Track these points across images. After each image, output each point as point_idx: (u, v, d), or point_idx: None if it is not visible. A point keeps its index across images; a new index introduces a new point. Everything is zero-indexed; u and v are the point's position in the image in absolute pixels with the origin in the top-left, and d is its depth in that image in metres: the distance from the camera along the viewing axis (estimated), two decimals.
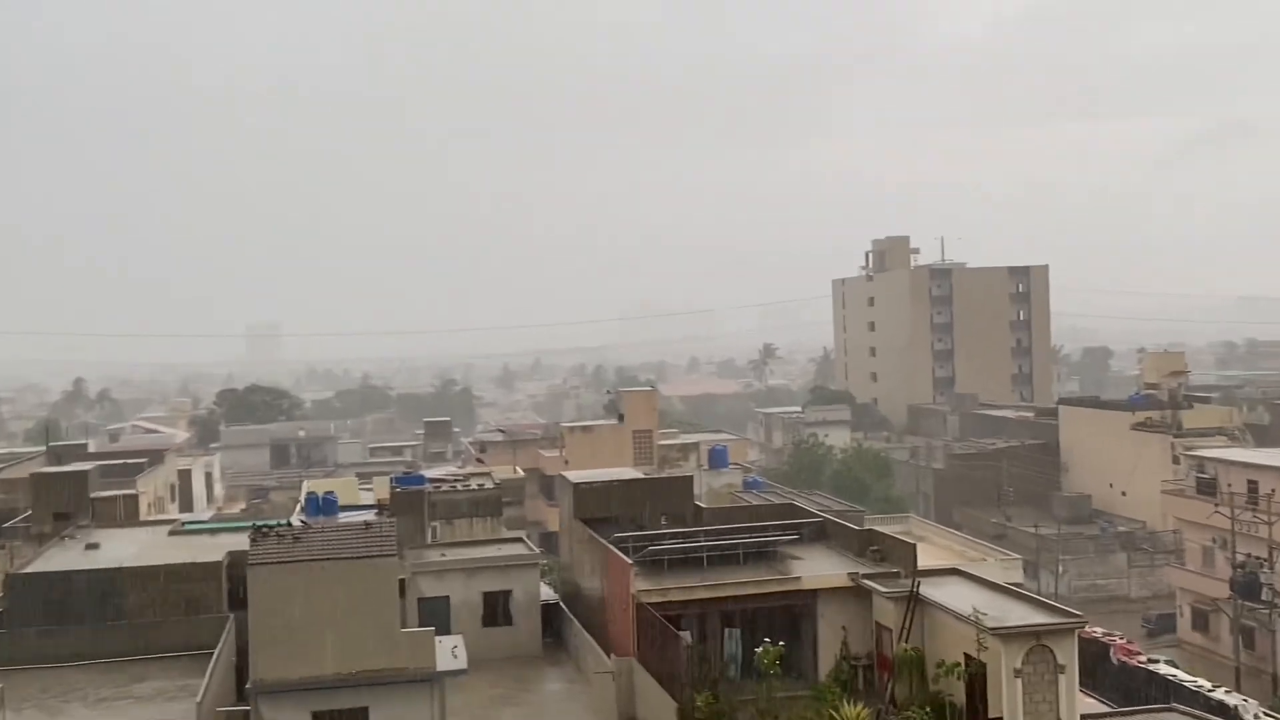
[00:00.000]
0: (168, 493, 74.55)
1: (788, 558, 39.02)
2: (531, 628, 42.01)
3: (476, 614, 41.51)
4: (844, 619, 35.66)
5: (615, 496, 43.68)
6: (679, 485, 45.66)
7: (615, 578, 37.41)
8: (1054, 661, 29.54)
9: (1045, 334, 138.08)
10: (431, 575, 41.45)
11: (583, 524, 42.73)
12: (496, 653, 40.30)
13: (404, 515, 43.76)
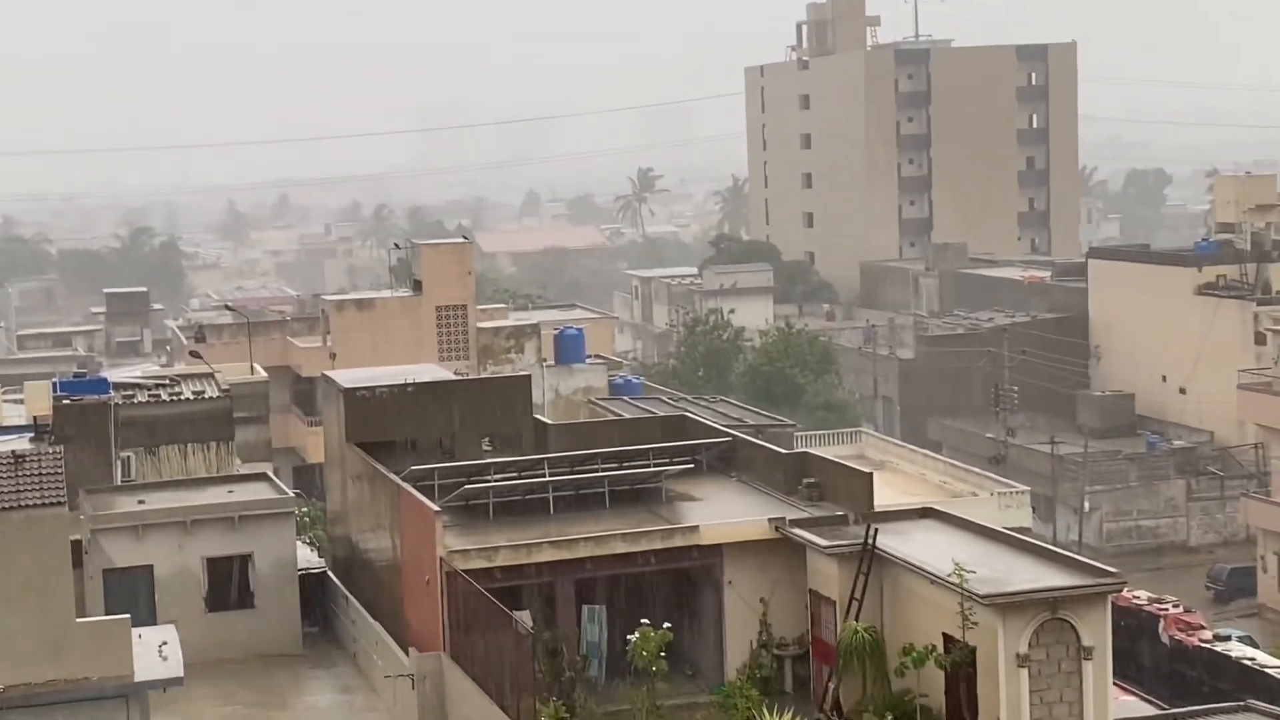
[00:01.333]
0: None
1: (677, 498, 39.65)
2: (284, 610, 42.09)
3: (197, 592, 41.42)
4: (763, 587, 36.49)
5: (411, 409, 43.70)
6: (510, 391, 45.88)
7: (413, 533, 37.57)
8: (1077, 642, 30.69)
9: (1070, 149, 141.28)
10: (125, 534, 41.11)
11: (361, 451, 42.66)
12: (229, 649, 40.33)
13: (76, 442, 43.10)
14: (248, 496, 44.03)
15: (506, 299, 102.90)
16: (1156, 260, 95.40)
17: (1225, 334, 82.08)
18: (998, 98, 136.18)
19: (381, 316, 75.17)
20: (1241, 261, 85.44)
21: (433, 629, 36.17)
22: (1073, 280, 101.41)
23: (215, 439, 51.42)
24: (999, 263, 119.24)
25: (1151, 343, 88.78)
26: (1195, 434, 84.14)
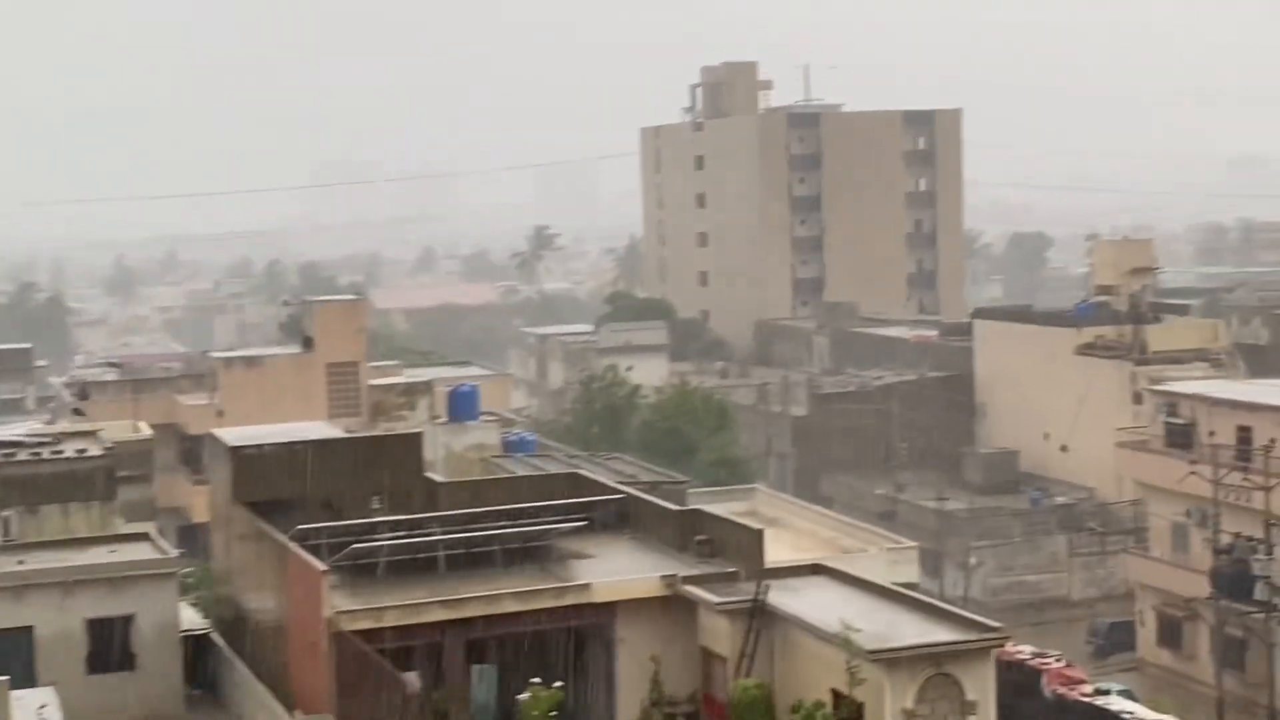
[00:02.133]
0: None
1: (570, 557, 39.61)
2: (167, 672, 41.53)
3: (78, 654, 40.73)
4: (655, 644, 36.49)
5: (299, 467, 43.41)
6: (400, 449, 45.91)
7: (300, 592, 37.23)
8: (961, 697, 30.92)
9: (956, 213, 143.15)
10: (4, 595, 40.53)
11: (247, 510, 42.30)
12: (111, 712, 39.75)
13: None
14: (130, 557, 43.45)
15: (399, 356, 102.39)
16: (1038, 321, 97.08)
17: (1104, 393, 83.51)
18: (887, 161, 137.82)
19: (271, 374, 74.72)
20: (1119, 323, 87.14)
21: (320, 691, 35.82)
22: (959, 340, 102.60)
23: (97, 498, 50.72)
24: (889, 322, 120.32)
25: (1034, 401, 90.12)
26: (1076, 490, 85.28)
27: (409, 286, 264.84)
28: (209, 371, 78.69)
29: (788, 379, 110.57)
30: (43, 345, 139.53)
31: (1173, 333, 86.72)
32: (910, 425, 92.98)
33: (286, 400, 69.89)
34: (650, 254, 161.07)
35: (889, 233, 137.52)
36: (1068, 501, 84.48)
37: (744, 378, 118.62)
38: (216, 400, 73.41)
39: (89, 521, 49.55)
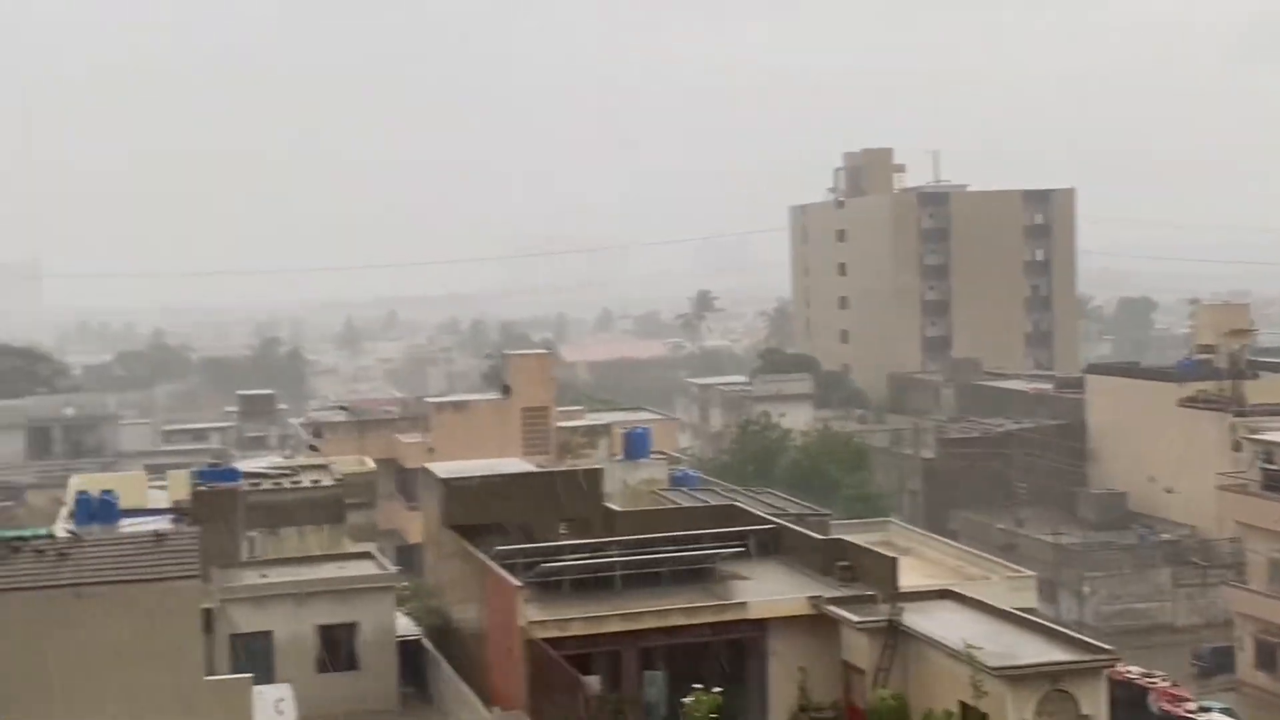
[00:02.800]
0: None
1: (729, 578, 39.39)
2: (384, 673, 41.92)
3: (310, 655, 41.32)
4: (802, 657, 36.15)
5: (498, 497, 43.71)
6: (584, 482, 45.82)
7: (498, 605, 37.47)
8: (1076, 711, 30.23)
9: (1070, 280, 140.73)
10: (249, 604, 41.17)
11: (454, 533, 42.70)
12: (337, 707, 40.00)
13: (210, 523, 43.19)
14: (355, 572, 44.13)
15: (583, 402, 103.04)
16: (1145, 376, 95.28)
17: (1205, 441, 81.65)
18: (1007, 235, 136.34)
19: (475, 416, 75.41)
20: (1219, 379, 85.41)
21: (514, 691, 36.00)
22: (1072, 392, 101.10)
23: (329, 522, 51.58)
24: (1008, 376, 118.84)
25: (1141, 448, 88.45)
26: (1180, 528, 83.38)
27: (590, 343, 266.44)
28: (423, 414, 79.75)
29: (918, 425, 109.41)
30: (284, 392, 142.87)
31: (1268, 387, 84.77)
32: (1028, 468, 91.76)
33: (487, 439, 70.46)
34: (798, 315, 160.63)
35: (1009, 297, 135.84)
36: (1172, 538, 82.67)
37: (879, 424, 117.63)
38: (429, 439, 74.25)
39: (321, 541, 50.41)
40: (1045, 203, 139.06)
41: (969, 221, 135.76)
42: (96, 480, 62.64)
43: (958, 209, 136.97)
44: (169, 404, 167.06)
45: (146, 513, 52.35)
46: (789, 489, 77.90)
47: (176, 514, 48.87)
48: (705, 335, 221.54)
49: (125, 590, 28.53)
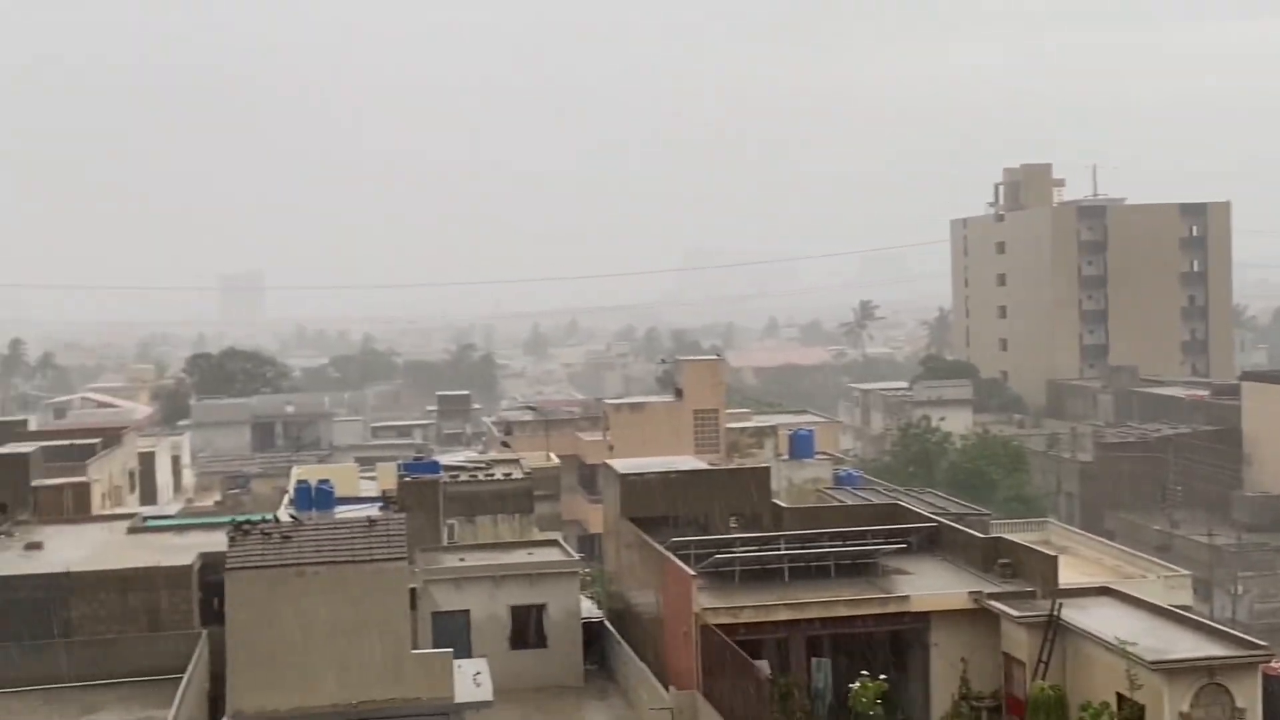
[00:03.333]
0: (126, 481, 75.89)
1: (891, 572, 39.06)
2: (570, 651, 42.37)
3: (503, 633, 41.93)
4: (963, 649, 35.68)
5: (673, 492, 43.94)
6: (752, 479, 45.85)
7: (673, 592, 37.67)
8: (1231, 704, 29.37)
9: (1226, 290, 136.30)
10: (448, 584, 41.90)
11: (632, 525, 43.00)
12: (527, 680, 40.64)
13: (414, 510, 44.28)
14: (543, 558, 44.67)
15: (750, 405, 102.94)
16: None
17: None
18: (1164, 246, 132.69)
19: (650, 417, 75.83)
20: None
21: (688, 671, 36.13)
22: (1228, 399, 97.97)
23: (518, 511, 52.41)
24: (1165, 383, 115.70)
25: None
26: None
27: (757, 349, 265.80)
28: (603, 414, 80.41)
29: (1075, 430, 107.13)
30: (477, 392, 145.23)
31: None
32: (1183, 471, 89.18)
33: (662, 438, 70.78)
34: (958, 324, 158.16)
35: (1165, 306, 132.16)
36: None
37: (1037, 428, 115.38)
38: (608, 437, 74.87)
39: (512, 529, 51.27)
40: (1201, 215, 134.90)
41: (1126, 234, 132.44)
42: (314, 471, 64.68)
43: (1115, 222, 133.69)
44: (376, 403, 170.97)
45: (358, 500, 53.83)
46: (948, 490, 76.90)
47: (384, 502, 50.06)
48: (867, 343, 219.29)
49: (341, 570, 29.41)
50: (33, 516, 49.57)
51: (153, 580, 37.71)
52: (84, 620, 37.31)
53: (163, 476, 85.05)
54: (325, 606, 29.06)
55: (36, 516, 49.68)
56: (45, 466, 56.72)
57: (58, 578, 37.92)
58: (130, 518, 50.54)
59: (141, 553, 40.84)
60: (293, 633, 28.92)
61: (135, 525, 48.00)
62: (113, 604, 37.47)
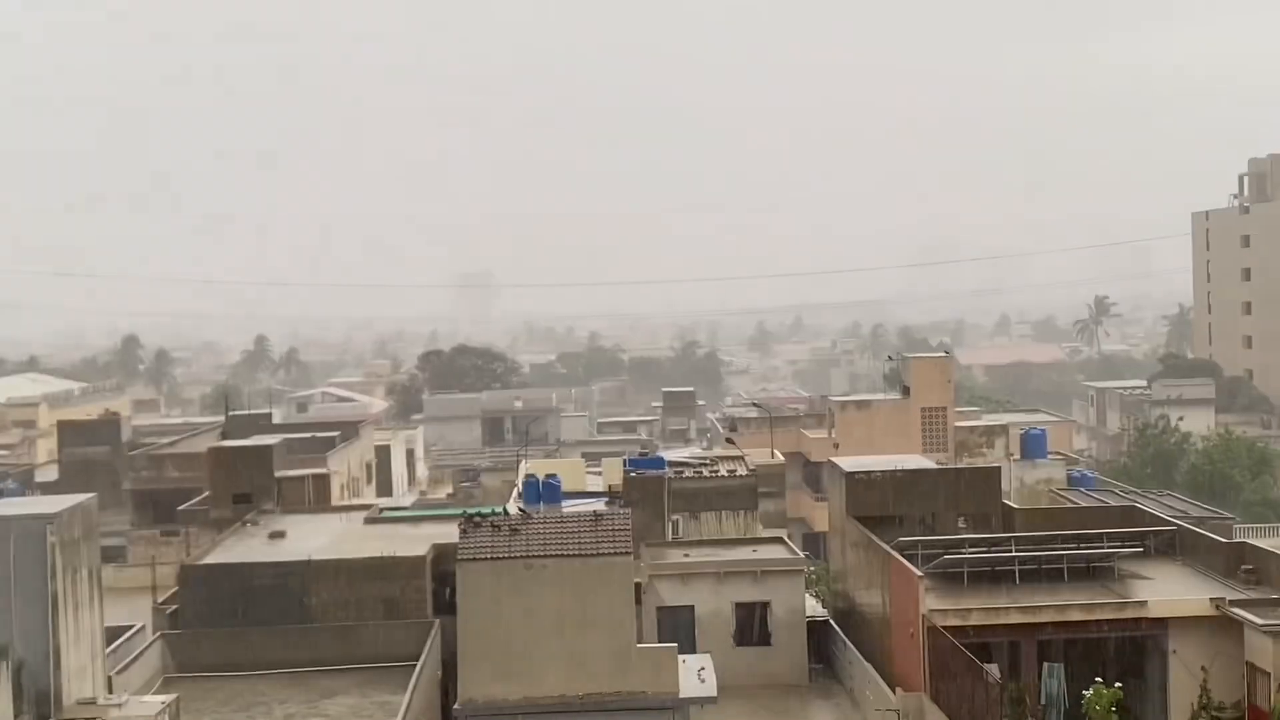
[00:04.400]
0: (363, 473, 78.62)
1: (1127, 576, 37.82)
2: (795, 649, 42.21)
3: (727, 629, 41.96)
4: (1204, 657, 34.34)
5: (899, 491, 43.40)
6: (982, 479, 45.04)
7: (901, 593, 37.17)
8: None
9: None
10: (673, 580, 42.15)
11: (858, 524, 42.61)
12: (751, 678, 40.58)
13: (640, 506, 44.62)
14: (768, 555, 44.60)
15: (979, 403, 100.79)
16: None
17: None
18: None
19: (876, 415, 75.04)
20: None
21: (915, 673, 35.62)
22: None
23: (743, 508, 52.27)
24: None
25: None
26: None
27: (987, 347, 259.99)
28: (828, 412, 79.94)
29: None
30: (702, 389, 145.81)
31: None
32: None
33: (888, 436, 69.96)
34: (1199, 320, 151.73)
35: None
36: None
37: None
38: (834, 435, 74.37)
39: (736, 526, 51.19)
40: None
41: None
42: (542, 465, 65.85)
43: None
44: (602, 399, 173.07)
45: (584, 495, 54.57)
46: (1188, 492, 73.98)
47: (610, 497, 50.60)
48: (1103, 340, 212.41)
49: (568, 563, 29.86)
50: (276, 506, 51.76)
51: (388, 570, 38.92)
52: (323, 607, 38.76)
53: (397, 469, 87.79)
54: (552, 599, 29.54)
55: (280, 506, 51.86)
56: (288, 458, 59.15)
57: (299, 566, 39.45)
58: (367, 509, 52.34)
59: (378, 543, 42.15)
60: (520, 624, 29.46)
61: (372, 516, 49.68)
62: (350, 592, 38.82)
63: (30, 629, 28.06)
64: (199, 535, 55.55)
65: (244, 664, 36.89)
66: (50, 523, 28.43)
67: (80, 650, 29.54)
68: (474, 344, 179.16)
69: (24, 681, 27.86)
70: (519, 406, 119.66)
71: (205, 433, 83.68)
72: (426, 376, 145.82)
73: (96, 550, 31.04)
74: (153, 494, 69.24)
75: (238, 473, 54.54)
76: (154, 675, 36.34)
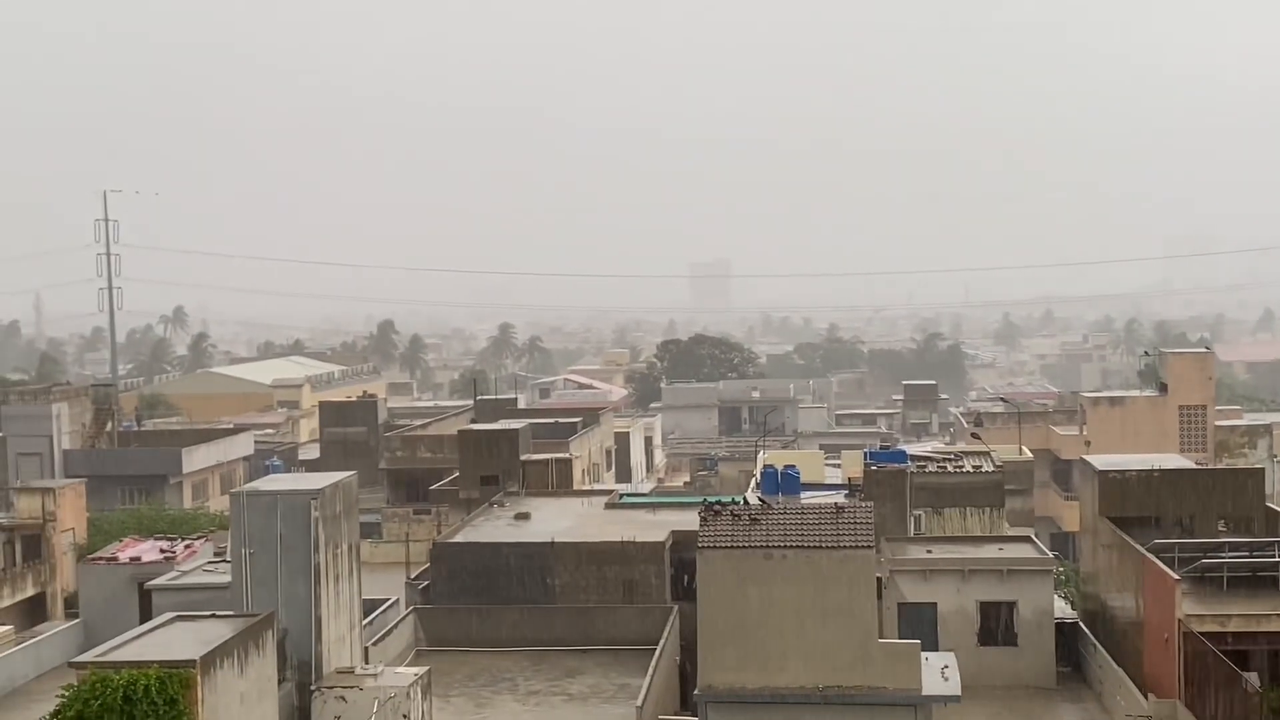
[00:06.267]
0: (603, 458, 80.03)
1: None
2: (1041, 650, 41.13)
3: (971, 628, 41.17)
4: None
5: (1155, 491, 41.93)
6: (1243, 481, 43.10)
7: (1155, 596, 35.94)
8: None
9: None
10: (915, 576, 41.60)
11: (1111, 524, 41.34)
12: (996, 678, 39.78)
13: (881, 499, 44.21)
14: (1014, 554, 43.56)
15: (1241, 402, 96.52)
16: None
17: None
18: None
19: (1130, 412, 73.06)
20: None
21: (1168, 679, 34.40)
22: None
23: (988, 505, 51.30)
24: None
25: None
26: None
27: (1249, 343, 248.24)
28: (1078, 408, 78.02)
29: None
30: (944, 383, 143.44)
31: None
32: None
33: (1143, 434, 68.03)
34: None
35: None
36: None
37: None
38: (1085, 432, 72.57)
39: (981, 523, 50.28)
40: None
41: None
42: (780, 456, 65.92)
43: None
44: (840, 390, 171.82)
45: (823, 487, 54.45)
46: None
47: (850, 489, 50.35)
48: None
49: (808, 554, 29.81)
50: (521, 488, 53.17)
51: (628, 554, 39.62)
52: (565, 588, 39.69)
53: (636, 455, 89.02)
54: (792, 589, 29.53)
55: (525, 488, 53.26)
56: (533, 442, 60.66)
57: (544, 547, 40.47)
58: (608, 494, 53.28)
59: (618, 527, 42.94)
60: (760, 613, 29.54)
61: (612, 501, 50.56)
62: (592, 574, 39.67)
63: (295, 600, 29.52)
64: (449, 514, 57.49)
65: (490, 640, 38.04)
66: (314, 498, 29.83)
67: (340, 621, 30.92)
68: (711, 333, 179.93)
69: (288, 649, 29.32)
70: (756, 396, 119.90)
71: (455, 416, 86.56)
72: (664, 365, 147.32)
73: (356, 526, 32.45)
74: (406, 473, 71.95)
75: (486, 455, 56.34)
76: (406, 648, 37.78)
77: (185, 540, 44.74)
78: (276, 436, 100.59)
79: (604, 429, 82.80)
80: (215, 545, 42.57)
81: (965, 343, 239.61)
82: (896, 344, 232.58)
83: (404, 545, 51.69)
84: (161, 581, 37.96)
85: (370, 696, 29.06)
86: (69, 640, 38.89)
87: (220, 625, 26.99)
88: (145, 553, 42.72)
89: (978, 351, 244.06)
